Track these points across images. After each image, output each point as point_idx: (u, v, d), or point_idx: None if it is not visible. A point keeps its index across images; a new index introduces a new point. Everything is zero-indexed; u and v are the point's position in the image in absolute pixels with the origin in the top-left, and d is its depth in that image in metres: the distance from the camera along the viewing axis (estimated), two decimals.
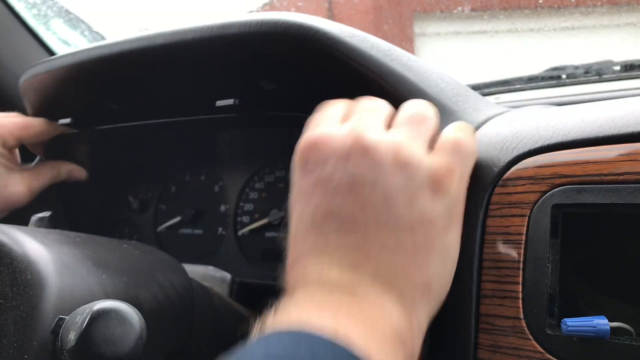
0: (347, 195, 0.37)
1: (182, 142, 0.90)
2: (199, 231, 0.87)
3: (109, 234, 0.95)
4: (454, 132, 0.41)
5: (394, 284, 0.35)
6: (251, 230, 0.81)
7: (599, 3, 1.11)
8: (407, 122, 0.40)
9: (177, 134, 0.85)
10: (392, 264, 0.35)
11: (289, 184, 0.79)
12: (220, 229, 0.85)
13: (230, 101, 0.68)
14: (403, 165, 0.37)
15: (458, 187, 0.39)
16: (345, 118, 0.41)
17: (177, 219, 0.87)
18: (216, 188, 0.87)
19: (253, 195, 0.83)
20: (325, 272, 0.35)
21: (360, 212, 0.36)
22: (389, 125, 0.41)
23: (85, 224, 0.94)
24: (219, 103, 0.69)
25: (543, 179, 0.41)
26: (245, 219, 0.83)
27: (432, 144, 0.40)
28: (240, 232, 0.82)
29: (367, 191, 0.36)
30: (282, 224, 0.78)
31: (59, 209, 0.91)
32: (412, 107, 0.42)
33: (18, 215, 0.73)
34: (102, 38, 1.28)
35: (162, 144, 0.91)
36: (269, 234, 0.80)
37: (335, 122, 0.41)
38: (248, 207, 0.83)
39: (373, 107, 0.42)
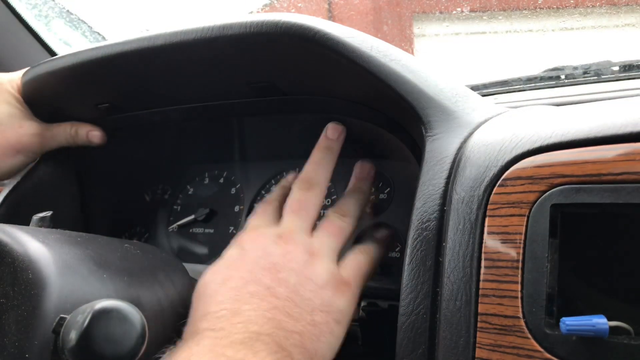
0: (268, 272, 0.47)
1: (201, 144, 0.90)
2: (210, 230, 0.87)
3: (121, 231, 0.96)
4: (358, 256, 0.53)
5: (287, 347, 0.43)
6: None
7: (597, 4, 1.11)
8: (327, 233, 0.52)
9: (194, 131, 0.85)
10: (290, 332, 0.44)
11: None
12: (231, 228, 0.85)
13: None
14: (313, 268, 0.48)
15: (351, 297, 0.49)
16: (280, 215, 0.54)
17: (190, 217, 0.88)
18: (233, 190, 0.88)
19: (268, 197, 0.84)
20: (230, 327, 0.43)
21: (277, 285, 0.46)
22: (313, 227, 0.52)
23: (99, 220, 0.95)
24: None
25: (542, 178, 0.41)
26: None
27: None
28: None
29: (284, 273, 0.47)
30: None
31: (77, 202, 0.91)
32: (336, 219, 0.54)
33: (19, 215, 0.73)
34: (103, 38, 1.28)
35: (182, 145, 0.91)
36: None
37: (271, 219, 0.54)
38: None
39: (304, 211, 0.53)
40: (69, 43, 1.16)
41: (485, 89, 0.96)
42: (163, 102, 0.80)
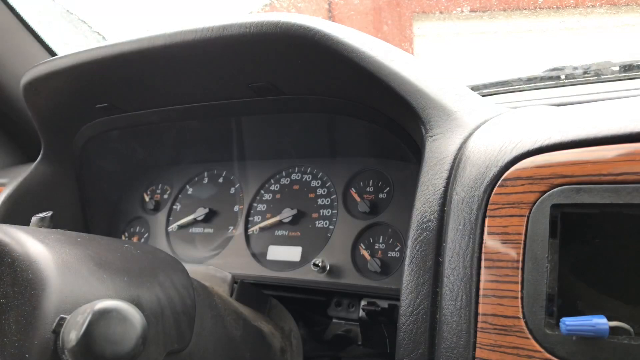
0: None
1: (200, 144, 0.91)
2: (209, 230, 0.88)
3: (121, 231, 0.96)
4: None
5: None
6: (261, 229, 0.82)
7: (597, 4, 1.11)
8: None
9: (193, 131, 0.86)
10: None
11: (304, 186, 0.80)
12: (231, 228, 0.85)
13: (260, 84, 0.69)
14: None
15: None
16: None
17: (190, 217, 0.88)
18: (232, 190, 0.88)
19: (267, 196, 0.84)
20: None
21: None
22: None
23: (99, 220, 0.96)
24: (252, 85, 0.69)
25: (542, 179, 0.41)
26: (257, 218, 0.84)
27: None
28: (250, 231, 0.83)
29: None
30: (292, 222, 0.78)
31: (77, 202, 0.92)
32: None
33: (19, 215, 0.73)
34: (103, 38, 1.28)
35: (181, 144, 0.92)
36: (278, 232, 0.80)
37: None
38: (261, 207, 0.84)
39: None
40: (69, 43, 1.16)
41: (485, 89, 0.96)
42: (162, 102, 0.80)
